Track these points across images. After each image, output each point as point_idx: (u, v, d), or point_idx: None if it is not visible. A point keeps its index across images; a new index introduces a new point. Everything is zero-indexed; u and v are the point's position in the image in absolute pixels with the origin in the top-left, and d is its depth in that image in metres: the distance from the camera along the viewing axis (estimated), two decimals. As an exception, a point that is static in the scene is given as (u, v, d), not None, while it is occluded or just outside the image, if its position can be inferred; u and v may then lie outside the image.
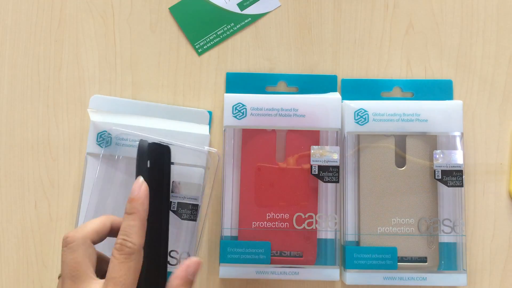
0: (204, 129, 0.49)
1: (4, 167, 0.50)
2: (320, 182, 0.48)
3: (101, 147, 0.48)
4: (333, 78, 0.50)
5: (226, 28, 0.51)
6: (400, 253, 0.47)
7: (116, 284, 0.35)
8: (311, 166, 0.47)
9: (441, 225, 0.48)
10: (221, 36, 0.51)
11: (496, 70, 0.51)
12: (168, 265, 0.42)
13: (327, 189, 0.48)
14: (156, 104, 0.50)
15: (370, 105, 0.48)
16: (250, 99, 0.48)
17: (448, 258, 0.47)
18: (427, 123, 0.48)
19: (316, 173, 0.47)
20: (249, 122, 0.48)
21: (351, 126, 0.48)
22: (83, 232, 0.37)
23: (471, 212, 0.50)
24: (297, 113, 0.48)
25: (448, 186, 0.47)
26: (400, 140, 0.48)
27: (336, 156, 0.47)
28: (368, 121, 0.48)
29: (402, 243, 0.47)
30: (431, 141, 0.48)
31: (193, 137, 0.48)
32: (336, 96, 0.48)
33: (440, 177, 0.47)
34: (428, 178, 0.48)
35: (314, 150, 0.47)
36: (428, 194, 0.48)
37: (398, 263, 0.47)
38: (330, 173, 0.47)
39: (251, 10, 0.52)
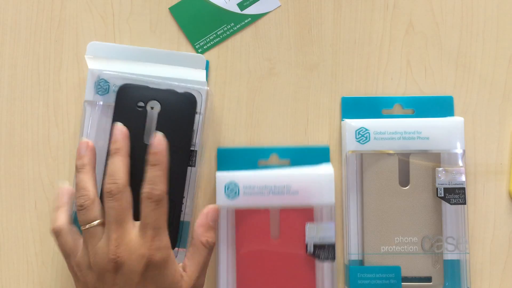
0: (200, 75, 0.48)
1: (4, 167, 0.50)
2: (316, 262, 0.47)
3: (99, 95, 0.48)
4: (325, 150, 0.50)
5: (226, 28, 0.51)
6: (404, 273, 0.47)
7: (151, 227, 0.41)
8: (307, 244, 0.47)
9: (445, 243, 0.47)
10: (221, 36, 0.51)
11: (496, 70, 0.51)
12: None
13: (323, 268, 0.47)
14: (153, 49, 0.50)
15: (371, 124, 0.48)
16: (242, 177, 0.47)
17: (452, 277, 0.47)
18: (429, 140, 0.48)
19: (312, 252, 0.47)
20: (242, 201, 0.47)
21: (352, 145, 0.48)
22: (123, 179, 0.42)
23: (471, 212, 0.50)
24: (290, 190, 0.47)
25: (451, 204, 0.47)
26: (403, 159, 0.48)
27: (332, 233, 0.47)
28: (369, 140, 0.48)
29: (406, 262, 0.47)
30: (434, 159, 0.48)
31: (190, 83, 0.48)
32: (328, 170, 0.47)
33: (443, 195, 0.47)
34: (431, 196, 0.48)
35: (309, 227, 0.47)
36: (431, 212, 0.48)
37: (402, 283, 0.47)
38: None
39: (251, 10, 0.52)
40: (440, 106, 0.50)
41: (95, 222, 0.41)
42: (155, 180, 0.42)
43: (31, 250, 0.50)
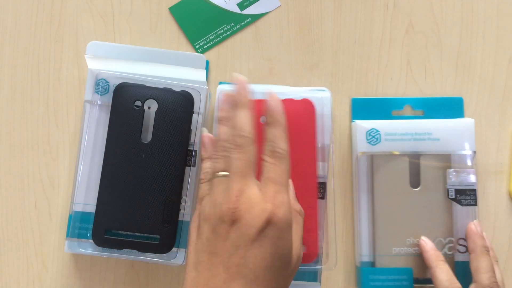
0: (200, 75, 0.48)
1: (4, 167, 0.50)
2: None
3: (99, 94, 0.48)
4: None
5: (226, 28, 0.51)
6: (416, 274, 0.47)
7: (274, 182, 0.38)
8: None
9: (456, 245, 0.47)
10: (221, 36, 0.51)
11: (496, 70, 0.51)
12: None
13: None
14: (153, 49, 0.50)
15: (382, 125, 0.48)
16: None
17: (463, 279, 0.46)
18: (440, 142, 0.48)
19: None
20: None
21: (363, 146, 0.48)
22: (251, 133, 0.39)
23: (471, 212, 0.50)
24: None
25: (462, 205, 0.47)
26: (414, 160, 0.48)
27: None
28: (380, 141, 0.48)
29: (418, 264, 0.47)
30: (444, 160, 0.48)
31: (190, 83, 0.48)
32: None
33: (454, 197, 0.47)
34: (443, 197, 0.48)
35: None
36: (443, 214, 0.48)
37: (414, 285, 0.47)
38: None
39: (251, 10, 0.52)
40: (450, 108, 0.50)
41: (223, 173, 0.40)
42: (275, 139, 0.39)
43: (31, 250, 0.50)
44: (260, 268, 0.36)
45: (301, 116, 0.44)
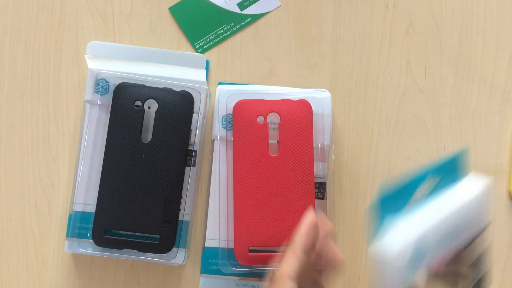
0: (200, 75, 0.48)
1: (4, 167, 0.50)
2: None
3: (99, 94, 0.48)
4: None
5: (226, 28, 0.51)
6: None
7: None
8: None
9: None
10: (221, 36, 0.51)
11: (496, 70, 0.51)
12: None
13: None
14: (153, 49, 0.51)
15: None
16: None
17: None
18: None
19: None
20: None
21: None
22: (290, 271, 0.36)
23: (471, 212, 0.50)
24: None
25: None
26: None
27: None
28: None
29: None
30: None
31: (190, 83, 0.48)
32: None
33: None
34: None
35: None
36: None
37: None
38: None
39: (251, 10, 0.52)
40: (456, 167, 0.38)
41: None
42: (282, 259, 0.37)
43: (31, 250, 0.50)
44: None
45: (298, 116, 0.44)
